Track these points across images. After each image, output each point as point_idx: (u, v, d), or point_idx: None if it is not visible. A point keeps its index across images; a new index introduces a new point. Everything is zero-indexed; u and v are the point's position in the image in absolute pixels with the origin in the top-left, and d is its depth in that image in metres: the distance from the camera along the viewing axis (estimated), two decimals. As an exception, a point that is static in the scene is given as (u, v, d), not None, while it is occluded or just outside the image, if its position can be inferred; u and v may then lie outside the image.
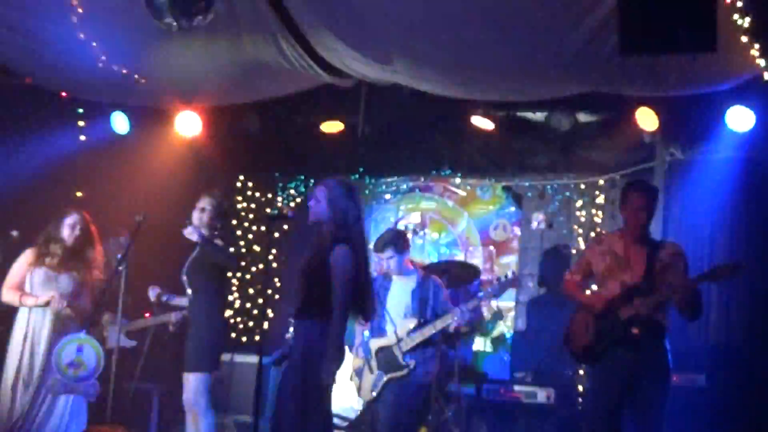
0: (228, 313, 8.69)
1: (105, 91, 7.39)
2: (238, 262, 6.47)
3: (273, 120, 8.45)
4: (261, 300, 9.07)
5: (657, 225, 6.99)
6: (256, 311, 9.15)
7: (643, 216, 5.28)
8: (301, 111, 8.33)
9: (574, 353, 5.66)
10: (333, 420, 5.08)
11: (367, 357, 6.39)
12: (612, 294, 5.29)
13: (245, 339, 9.03)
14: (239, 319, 9.19)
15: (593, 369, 5.51)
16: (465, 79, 6.62)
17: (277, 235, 9.10)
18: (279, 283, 9.40)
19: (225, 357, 6.61)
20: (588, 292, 5.73)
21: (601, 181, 8.66)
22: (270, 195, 9.77)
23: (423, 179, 9.52)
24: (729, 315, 7.42)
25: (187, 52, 6.42)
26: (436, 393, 6.88)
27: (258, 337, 8.82)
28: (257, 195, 9.76)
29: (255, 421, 4.95)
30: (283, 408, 4.85)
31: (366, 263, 5.05)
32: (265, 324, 8.51)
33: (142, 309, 6.22)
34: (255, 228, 9.52)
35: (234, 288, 9.12)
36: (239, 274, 9.11)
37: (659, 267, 5.23)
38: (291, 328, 6.21)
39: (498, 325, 9.02)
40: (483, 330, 8.89)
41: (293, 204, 9.68)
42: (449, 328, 6.36)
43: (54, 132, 7.86)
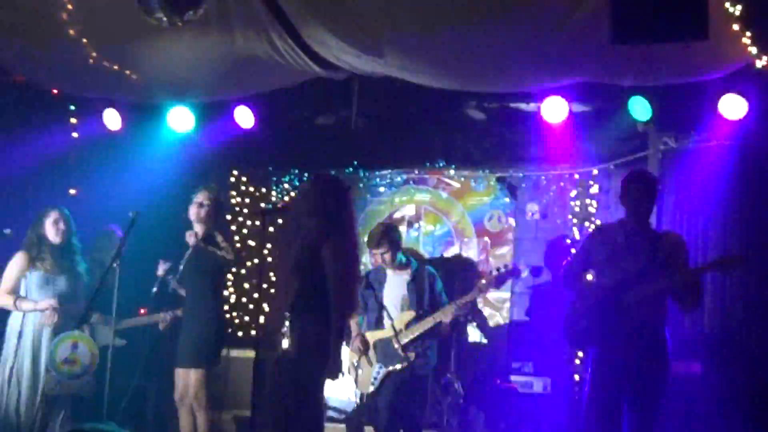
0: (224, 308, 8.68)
1: (96, 88, 7.36)
2: (234, 257, 6.44)
3: (266, 114, 8.43)
4: (256, 295, 9.06)
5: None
6: (251, 306, 9.14)
7: (644, 205, 5.27)
8: (294, 105, 8.31)
9: (572, 340, 5.65)
10: (324, 413, 5.10)
11: (365, 350, 6.41)
12: (613, 281, 5.28)
13: (241, 334, 9.02)
14: (235, 314, 9.18)
15: (592, 356, 5.50)
16: (457, 71, 6.60)
17: (272, 230, 9.09)
18: (275, 278, 9.38)
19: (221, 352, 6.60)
20: (588, 279, 5.72)
21: (595, 171, 8.66)
22: (264, 189, 9.75)
23: (417, 171, 9.50)
24: (724, 303, 7.44)
25: (179, 47, 6.39)
26: (433, 384, 6.90)
27: (254, 332, 8.82)
28: (251, 189, 9.74)
29: (253, 416, 4.95)
30: (279, 401, 4.88)
31: (352, 257, 5.07)
32: (261, 318, 8.49)
33: (135, 307, 6.20)
34: (249, 222, 9.50)
35: (229, 283, 9.11)
36: (234, 269, 9.09)
37: (661, 256, 5.22)
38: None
39: (494, 317, 9.03)
40: (479, 322, 8.90)
41: (287, 198, 9.66)
42: (446, 319, 6.37)
43: (46, 129, 7.84)
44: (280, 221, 8.99)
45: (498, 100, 7.93)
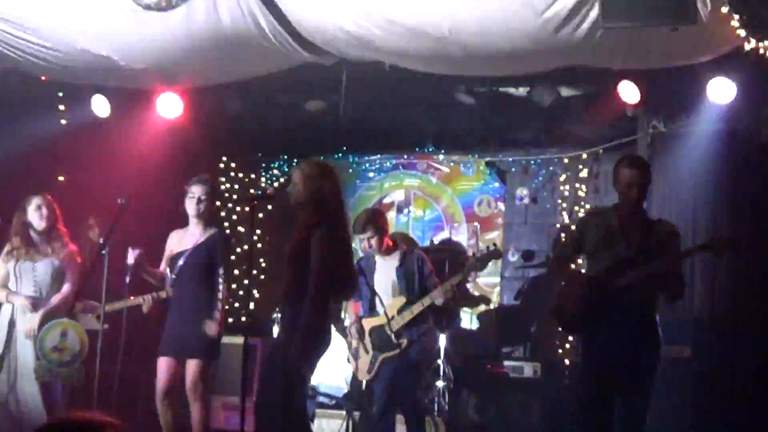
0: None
1: (85, 74, 7.31)
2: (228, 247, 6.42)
3: (255, 100, 8.40)
4: (246, 281, 9.05)
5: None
6: (241, 292, 9.13)
7: (636, 191, 5.25)
8: (283, 90, 8.28)
9: (564, 323, 5.66)
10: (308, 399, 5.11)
11: (361, 338, 6.43)
12: (606, 265, 5.28)
13: (231, 320, 9.01)
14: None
15: (583, 340, 5.51)
16: (446, 56, 6.58)
17: (261, 216, 9.08)
18: (264, 264, 9.37)
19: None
20: (579, 263, 5.72)
21: (585, 155, 8.68)
22: (253, 175, 9.74)
23: (406, 156, 9.51)
24: (714, 288, 7.47)
25: (166, 33, 6.35)
26: (424, 368, 6.92)
27: (244, 318, 8.81)
28: (240, 176, 9.73)
29: (242, 402, 4.95)
30: (267, 387, 4.91)
31: (345, 242, 5.09)
32: (251, 305, 8.49)
33: (120, 293, 6.14)
34: (239, 209, 9.49)
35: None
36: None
37: (654, 241, 5.22)
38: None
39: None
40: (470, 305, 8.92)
41: (276, 184, 9.65)
42: (437, 303, 6.38)
43: (34, 116, 7.80)
44: (269, 207, 9.00)
45: (487, 84, 7.92)
